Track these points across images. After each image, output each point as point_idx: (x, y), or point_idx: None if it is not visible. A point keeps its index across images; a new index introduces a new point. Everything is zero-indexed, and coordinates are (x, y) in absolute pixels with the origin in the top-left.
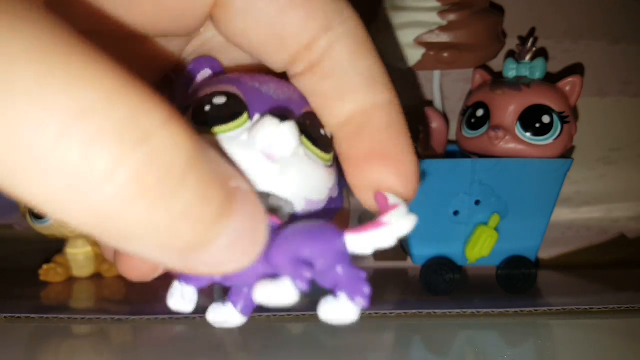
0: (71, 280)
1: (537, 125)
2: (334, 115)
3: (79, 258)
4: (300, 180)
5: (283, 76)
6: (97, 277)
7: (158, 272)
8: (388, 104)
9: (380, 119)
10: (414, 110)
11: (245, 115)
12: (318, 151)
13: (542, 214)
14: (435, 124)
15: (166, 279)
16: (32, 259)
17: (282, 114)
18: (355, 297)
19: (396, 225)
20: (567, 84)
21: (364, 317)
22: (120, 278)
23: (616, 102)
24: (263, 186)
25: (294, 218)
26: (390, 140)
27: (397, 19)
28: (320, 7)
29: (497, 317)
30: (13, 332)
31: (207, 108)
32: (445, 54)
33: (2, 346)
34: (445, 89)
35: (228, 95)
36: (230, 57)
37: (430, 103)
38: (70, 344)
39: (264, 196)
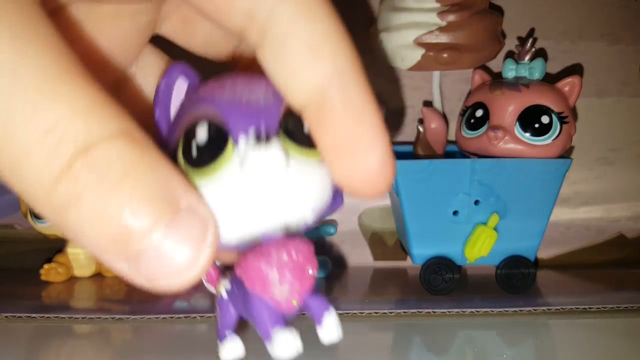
0: (72, 279)
1: (536, 125)
2: (292, 98)
3: (79, 257)
4: (302, 191)
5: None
6: (98, 276)
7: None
8: (339, 76)
9: (335, 99)
10: (414, 110)
11: (230, 145)
12: (307, 151)
13: (541, 214)
14: (435, 124)
15: None
16: (33, 259)
17: (265, 133)
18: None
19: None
20: (566, 84)
21: (363, 317)
22: (121, 278)
23: (615, 102)
24: (267, 211)
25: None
26: (351, 127)
27: (397, 19)
28: None
29: (497, 317)
30: (14, 332)
31: (194, 149)
32: (445, 55)
33: (3, 346)
34: (445, 89)
35: (209, 122)
36: (199, 29)
37: (430, 103)
38: (71, 344)
39: (270, 219)
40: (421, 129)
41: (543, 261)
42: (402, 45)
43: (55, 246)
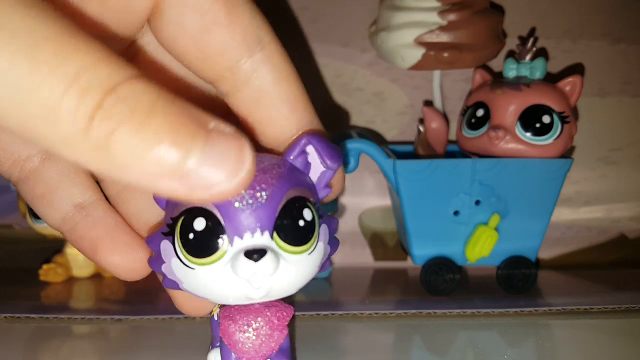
0: (71, 280)
1: (537, 125)
2: (264, 137)
3: (78, 258)
4: (287, 284)
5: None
6: (97, 277)
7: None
8: (310, 125)
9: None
10: (414, 110)
11: (226, 243)
12: (297, 249)
13: (543, 214)
14: (435, 124)
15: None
16: (32, 259)
17: (259, 249)
18: None
19: None
20: (567, 84)
21: (364, 317)
22: (120, 279)
23: (616, 102)
24: (251, 296)
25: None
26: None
27: (397, 19)
28: (240, 33)
29: (497, 317)
30: (13, 332)
31: (191, 236)
32: (445, 54)
33: (2, 346)
34: (445, 89)
35: (206, 216)
36: (165, 65)
37: (430, 103)
38: (70, 344)
39: (254, 300)
40: (422, 129)
41: (544, 261)
42: (403, 44)
43: (54, 246)
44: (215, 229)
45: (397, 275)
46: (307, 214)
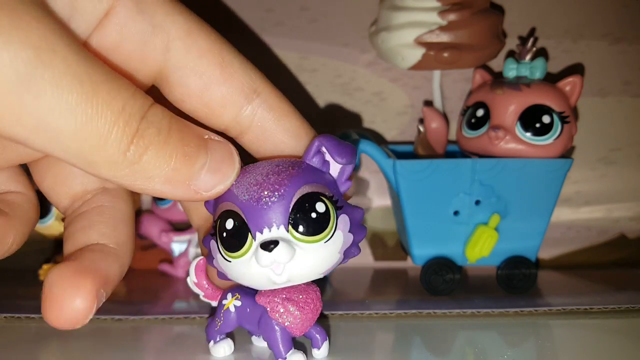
0: None
1: (537, 125)
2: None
3: None
4: (307, 270)
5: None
6: None
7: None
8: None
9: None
10: (414, 110)
11: (249, 239)
12: (312, 238)
13: (543, 214)
14: (435, 124)
15: (166, 279)
16: (32, 259)
17: (273, 241)
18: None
19: None
20: (568, 84)
21: (364, 317)
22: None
23: (617, 102)
24: (277, 284)
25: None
26: None
27: (397, 19)
28: (237, 86)
29: (497, 317)
30: (13, 332)
31: (225, 235)
32: (445, 54)
33: (2, 346)
34: (445, 89)
35: (233, 217)
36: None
37: (430, 102)
38: (70, 344)
39: (280, 284)
40: (422, 129)
41: (544, 261)
42: (403, 44)
43: (54, 246)
44: (241, 227)
45: (397, 275)
46: (320, 207)
